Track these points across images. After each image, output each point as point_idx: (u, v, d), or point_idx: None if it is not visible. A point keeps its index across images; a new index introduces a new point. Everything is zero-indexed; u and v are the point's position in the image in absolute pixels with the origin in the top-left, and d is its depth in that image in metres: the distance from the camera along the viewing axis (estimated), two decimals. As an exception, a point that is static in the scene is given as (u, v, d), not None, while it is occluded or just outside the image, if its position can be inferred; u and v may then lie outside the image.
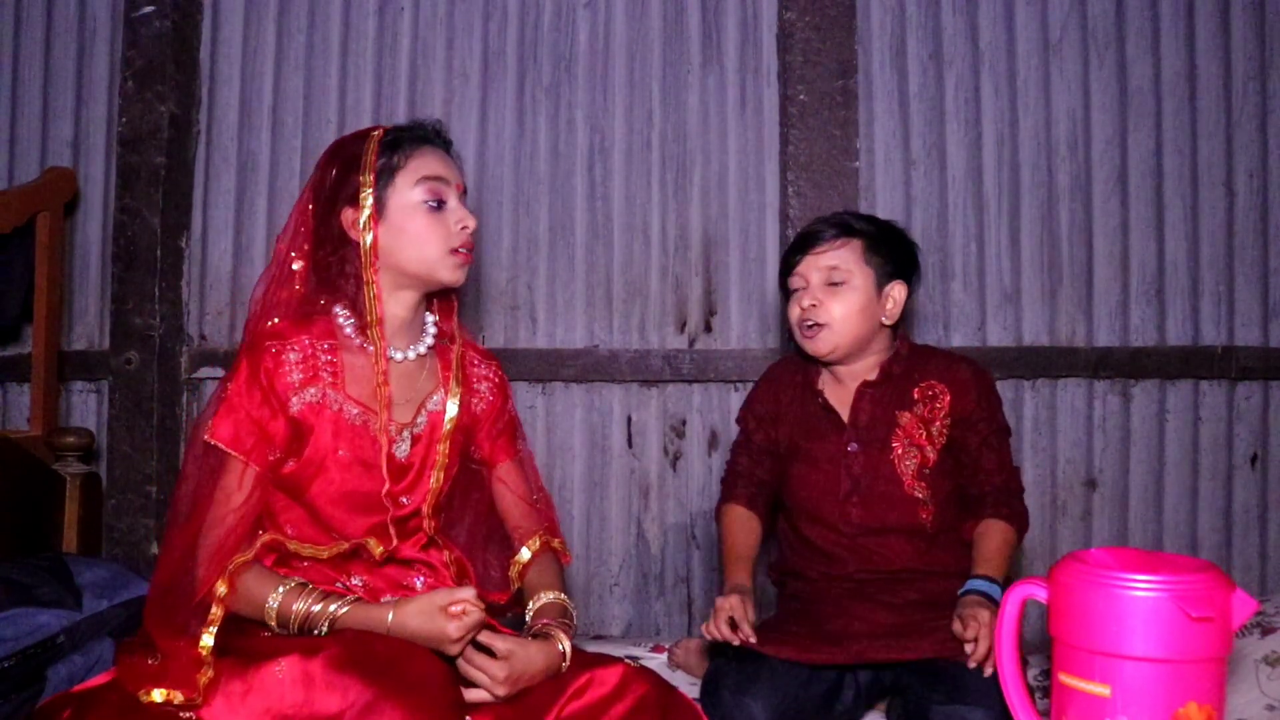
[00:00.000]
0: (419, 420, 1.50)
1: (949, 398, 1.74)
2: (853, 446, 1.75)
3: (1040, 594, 1.28)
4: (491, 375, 1.61)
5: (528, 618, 1.48)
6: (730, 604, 1.59)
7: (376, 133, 1.48)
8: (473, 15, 2.47)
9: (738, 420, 1.92)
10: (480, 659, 1.31)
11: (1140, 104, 2.39)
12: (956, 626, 1.56)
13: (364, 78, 2.48)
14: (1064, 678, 1.23)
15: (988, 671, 1.50)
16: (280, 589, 1.35)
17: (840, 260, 1.72)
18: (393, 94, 2.48)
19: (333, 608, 1.33)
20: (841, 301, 1.72)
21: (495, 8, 2.48)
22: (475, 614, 1.29)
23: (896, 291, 1.76)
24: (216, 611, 1.31)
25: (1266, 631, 1.67)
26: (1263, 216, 2.40)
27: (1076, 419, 2.40)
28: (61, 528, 2.13)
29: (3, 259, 2.31)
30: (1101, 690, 1.18)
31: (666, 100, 2.45)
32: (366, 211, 1.43)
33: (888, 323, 1.76)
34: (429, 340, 1.54)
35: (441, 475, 1.50)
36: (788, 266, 1.79)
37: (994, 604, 1.60)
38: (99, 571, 1.84)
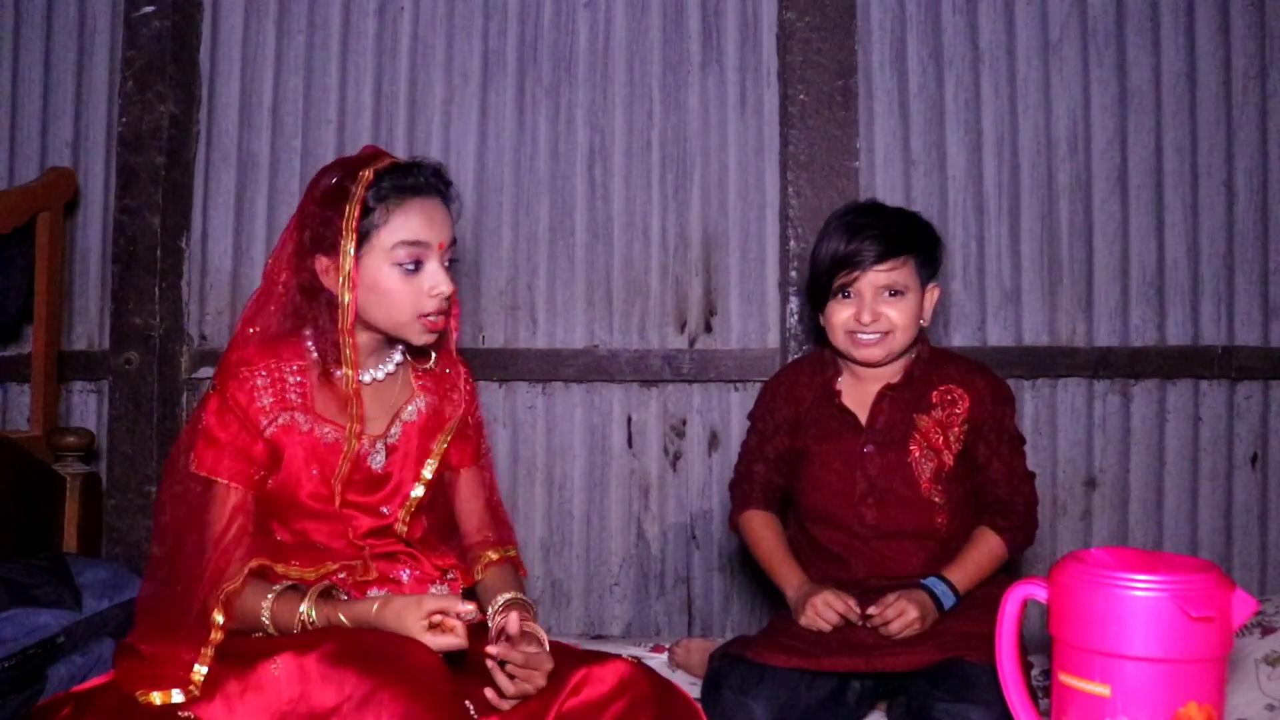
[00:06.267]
0: (392, 431, 1.51)
1: (967, 403, 1.74)
2: (869, 448, 1.74)
3: (1040, 594, 1.28)
4: (459, 382, 1.61)
5: (489, 619, 1.46)
6: (824, 599, 1.64)
7: (366, 174, 1.39)
8: (473, 15, 2.47)
9: (750, 418, 1.91)
10: (534, 657, 1.30)
11: (1140, 104, 2.39)
12: (874, 609, 1.61)
13: (364, 78, 2.48)
14: (1064, 678, 1.23)
15: (891, 630, 1.58)
16: (270, 596, 1.35)
17: (899, 276, 1.71)
18: (393, 94, 2.48)
19: (327, 607, 1.33)
20: (899, 311, 1.71)
21: (495, 8, 2.47)
22: (460, 638, 1.27)
23: (933, 294, 1.77)
24: (216, 636, 1.30)
25: (1266, 631, 1.67)
26: (1263, 216, 2.39)
27: (1076, 419, 2.40)
28: (61, 528, 2.13)
29: (3, 259, 2.30)
30: (1101, 690, 1.18)
31: (666, 100, 2.45)
32: (346, 271, 1.38)
33: (924, 324, 1.77)
34: (398, 358, 1.54)
35: (423, 489, 1.52)
36: (837, 272, 1.71)
37: (939, 607, 1.64)
38: (99, 571, 1.84)
